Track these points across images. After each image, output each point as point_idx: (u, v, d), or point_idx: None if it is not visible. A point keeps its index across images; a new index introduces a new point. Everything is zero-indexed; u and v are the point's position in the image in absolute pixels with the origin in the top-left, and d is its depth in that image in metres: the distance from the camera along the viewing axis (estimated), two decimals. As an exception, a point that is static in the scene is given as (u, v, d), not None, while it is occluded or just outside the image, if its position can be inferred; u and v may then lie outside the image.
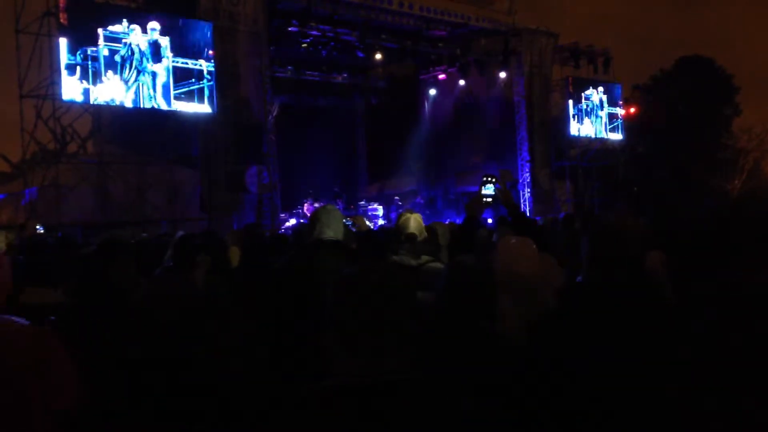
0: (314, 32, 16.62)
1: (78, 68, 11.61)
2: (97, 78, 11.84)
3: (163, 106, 12.80)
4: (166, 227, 12.84)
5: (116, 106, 12.42)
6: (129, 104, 12.36)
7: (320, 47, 17.51)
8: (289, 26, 15.91)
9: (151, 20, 12.70)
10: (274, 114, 15.91)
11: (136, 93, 12.38)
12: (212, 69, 13.42)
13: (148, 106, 12.60)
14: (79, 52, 11.62)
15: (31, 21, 12.39)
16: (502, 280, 2.63)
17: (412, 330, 1.44)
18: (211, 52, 13.40)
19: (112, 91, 12.05)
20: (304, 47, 17.36)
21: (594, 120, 20.98)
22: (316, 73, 20.46)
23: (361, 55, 18.20)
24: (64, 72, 11.46)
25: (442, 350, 2.09)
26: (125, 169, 13.18)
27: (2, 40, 12.99)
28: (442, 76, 21.46)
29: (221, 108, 13.67)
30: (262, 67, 14.63)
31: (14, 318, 1.97)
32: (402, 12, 16.72)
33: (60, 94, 11.66)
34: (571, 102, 20.21)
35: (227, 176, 13.94)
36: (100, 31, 11.88)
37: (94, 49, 11.81)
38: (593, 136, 21.13)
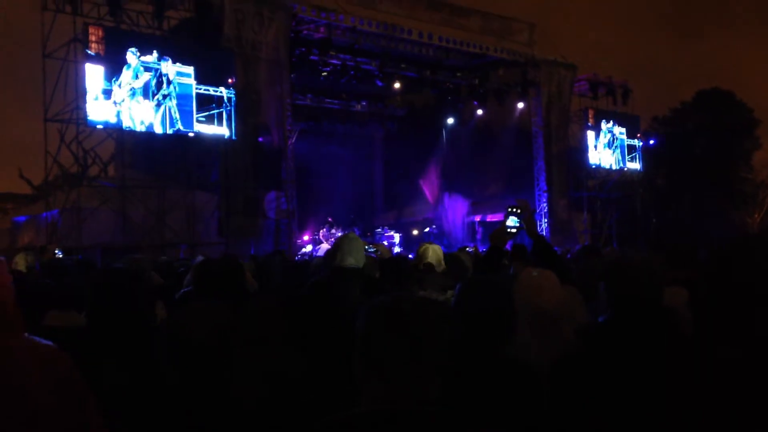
0: (334, 61, 16.84)
1: (112, 93, 12.07)
2: (128, 103, 12.24)
3: (186, 130, 13.04)
4: (185, 251, 12.93)
5: (139, 132, 12.65)
6: (158, 129, 12.64)
7: (340, 76, 17.70)
8: (310, 55, 16.13)
9: (177, 50, 13.10)
10: (294, 141, 16.05)
11: (162, 117, 12.64)
12: (232, 96, 13.63)
13: (172, 131, 12.85)
14: (114, 78, 12.09)
15: (57, 47, 12.67)
16: (523, 312, 2.60)
17: (444, 359, 1.44)
18: (230, 80, 13.62)
19: (142, 115, 12.43)
20: (324, 75, 17.56)
21: (612, 151, 20.97)
22: (336, 100, 20.67)
23: (380, 83, 18.38)
24: (100, 96, 11.90)
25: (464, 377, 2.06)
26: (145, 193, 13.33)
27: (29, 64, 13.29)
28: (460, 106, 21.52)
29: (241, 134, 13.82)
30: (283, 95, 14.79)
31: (36, 338, 1.99)
32: (421, 42, 16.89)
33: (85, 118, 11.89)
34: (589, 133, 20.22)
35: (246, 201, 14.04)
36: (133, 59, 12.32)
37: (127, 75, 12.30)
38: (612, 167, 21.10)
